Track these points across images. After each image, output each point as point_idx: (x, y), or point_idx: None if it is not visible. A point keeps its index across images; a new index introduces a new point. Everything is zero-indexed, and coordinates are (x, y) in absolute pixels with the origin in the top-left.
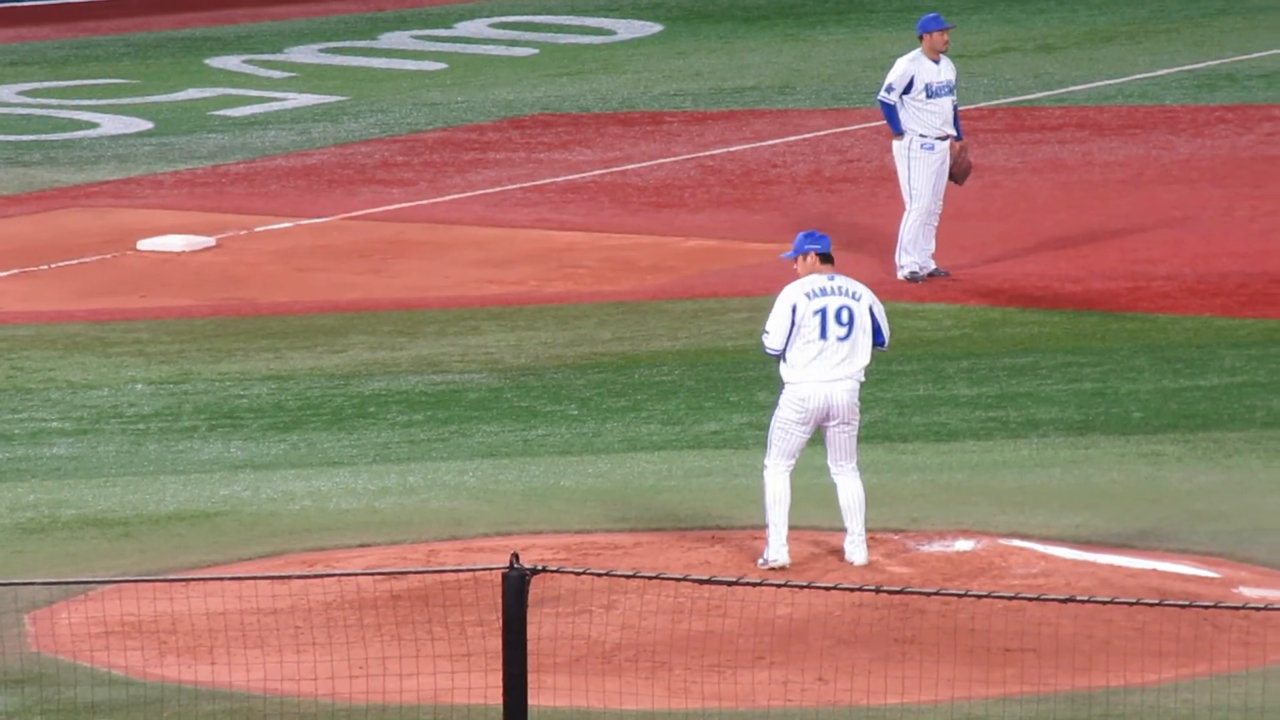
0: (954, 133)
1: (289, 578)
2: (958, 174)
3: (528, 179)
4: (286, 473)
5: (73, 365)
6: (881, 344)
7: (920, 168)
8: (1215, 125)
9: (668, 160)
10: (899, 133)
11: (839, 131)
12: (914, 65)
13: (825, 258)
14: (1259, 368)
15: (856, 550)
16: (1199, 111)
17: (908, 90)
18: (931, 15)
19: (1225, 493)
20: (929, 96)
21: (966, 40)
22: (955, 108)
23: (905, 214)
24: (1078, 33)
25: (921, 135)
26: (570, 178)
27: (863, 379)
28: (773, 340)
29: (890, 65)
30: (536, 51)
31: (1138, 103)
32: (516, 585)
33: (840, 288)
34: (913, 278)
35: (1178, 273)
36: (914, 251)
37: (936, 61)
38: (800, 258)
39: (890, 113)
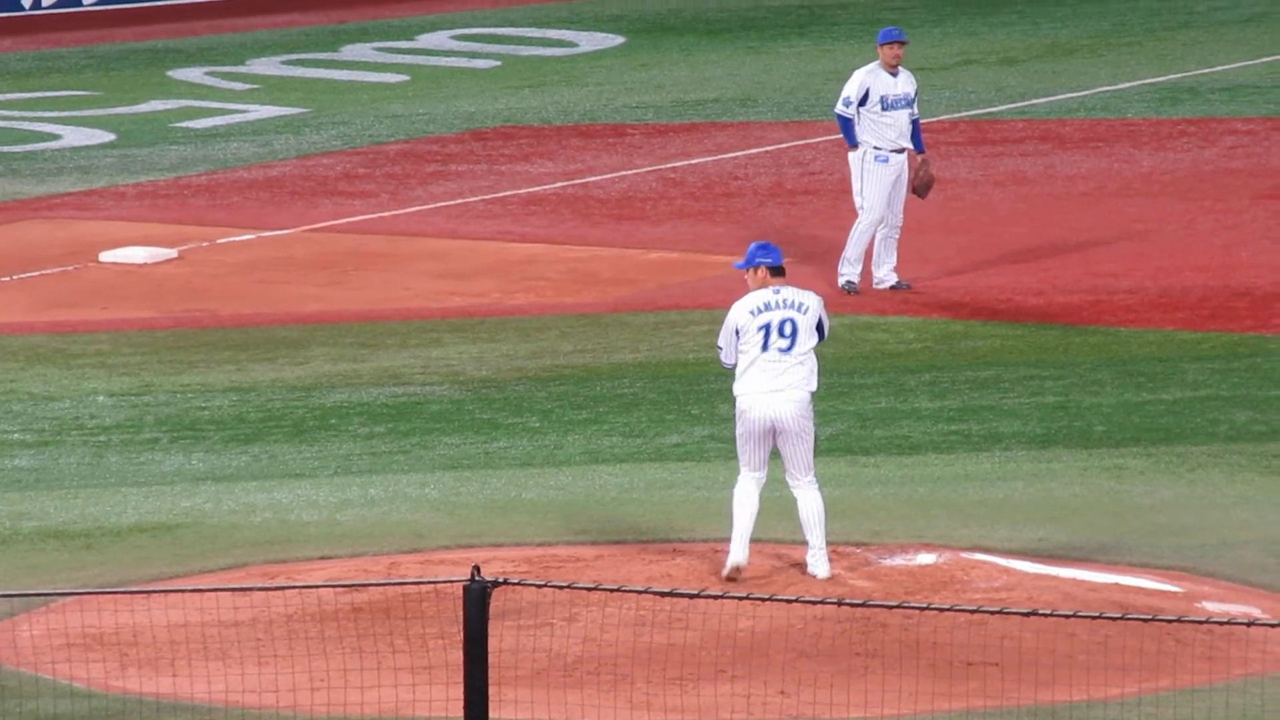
0: (910, 145)
1: (250, 590)
2: (919, 188)
3: (489, 191)
4: (248, 485)
5: (34, 377)
6: (821, 338)
7: (873, 179)
8: (1178, 139)
9: (629, 172)
10: (853, 145)
11: (801, 144)
12: (870, 77)
13: (775, 271)
14: (1222, 381)
15: (818, 564)
16: (1161, 125)
17: (864, 102)
18: (887, 29)
19: (1188, 506)
20: (884, 109)
21: (928, 53)
22: (916, 122)
23: (855, 223)
24: (1039, 45)
25: (876, 148)
26: (532, 190)
27: (811, 388)
28: (725, 355)
29: (848, 77)
30: (498, 64)
31: (1100, 116)
32: (478, 598)
33: (786, 300)
34: (849, 288)
35: (1140, 286)
36: (855, 263)
37: (894, 74)
38: (751, 270)
39: (846, 125)
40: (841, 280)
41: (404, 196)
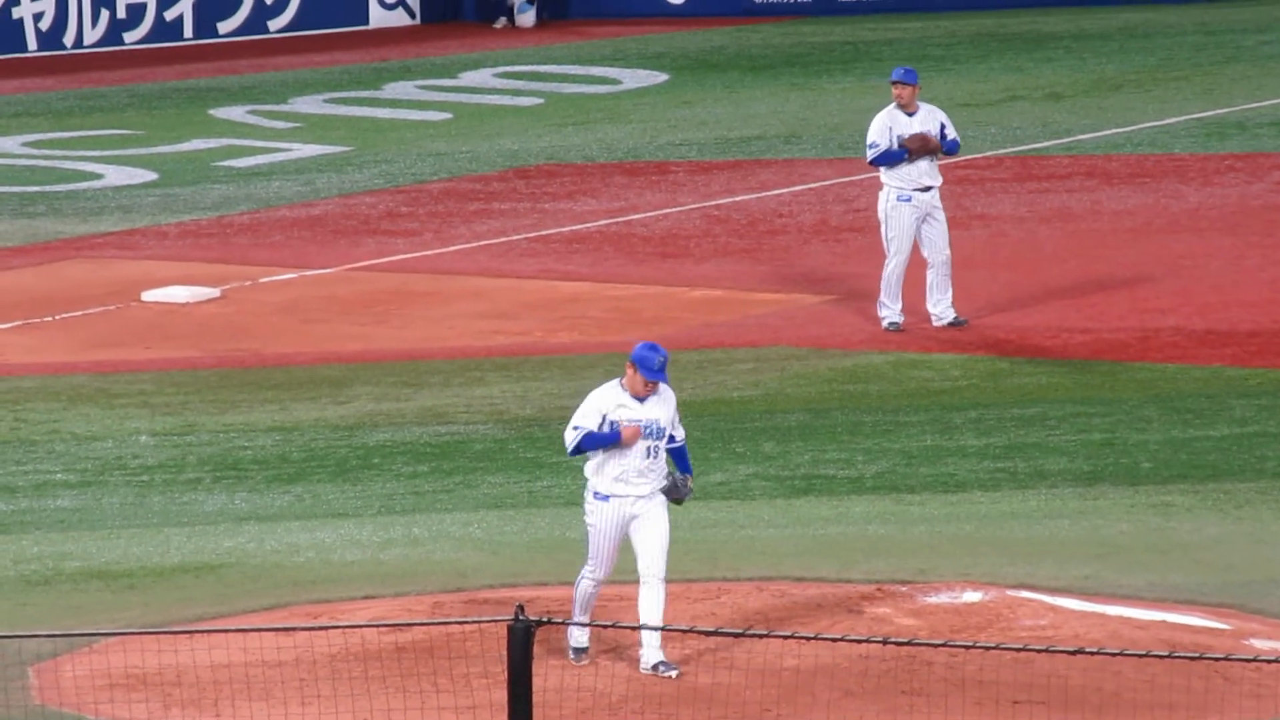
0: (935, 182)
1: (294, 630)
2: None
3: (533, 229)
4: (291, 524)
5: (77, 417)
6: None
7: (896, 220)
8: (1225, 174)
9: (673, 210)
10: (903, 157)
11: (845, 181)
12: (889, 119)
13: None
14: (1269, 418)
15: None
16: (1208, 160)
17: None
18: (896, 68)
19: (1235, 543)
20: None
21: (974, 89)
22: (952, 149)
23: (931, 270)
24: (1086, 81)
25: (898, 188)
26: (575, 228)
27: (585, 475)
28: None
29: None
30: (542, 101)
31: (1146, 151)
32: (522, 637)
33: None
34: (893, 327)
35: (1187, 322)
36: (892, 302)
37: (911, 113)
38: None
39: (886, 157)
40: (884, 322)
41: (447, 235)
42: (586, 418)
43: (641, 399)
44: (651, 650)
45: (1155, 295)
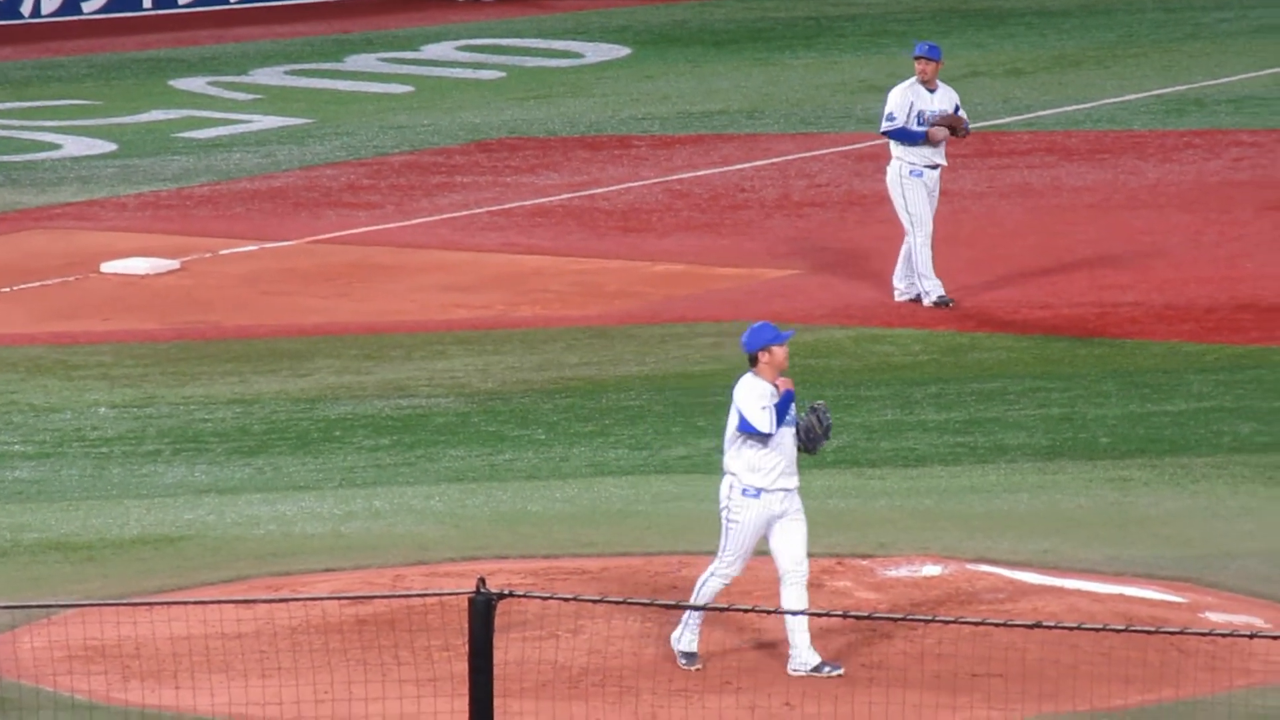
0: (943, 162)
1: (254, 602)
2: (952, 127)
3: (495, 202)
4: (251, 497)
5: (35, 388)
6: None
7: (914, 195)
8: (1183, 150)
9: (635, 184)
10: (922, 138)
11: (808, 156)
12: (911, 93)
13: (751, 359)
14: (1226, 393)
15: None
16: (1167, 136)
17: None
18: (920, 42)
19: (1192, 518)
20: (919, 124)
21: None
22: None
23: (908, 241)
24: (1046, 57)
25: (911, 163)
26: (537, 201)
27: (731, 471)
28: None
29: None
30: (503, 75)
31: (1106, 128)
32: (483, 610)
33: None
34: (941, 301)
35: (1146, 298)
36: (930, 276)
37: (932, 90)
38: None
39: (903, 134)
40: (930, 299)
41: (409, 208)
42: (763, 398)
43: (775, 383)
44: (805, 650)
45: (1114, 271)
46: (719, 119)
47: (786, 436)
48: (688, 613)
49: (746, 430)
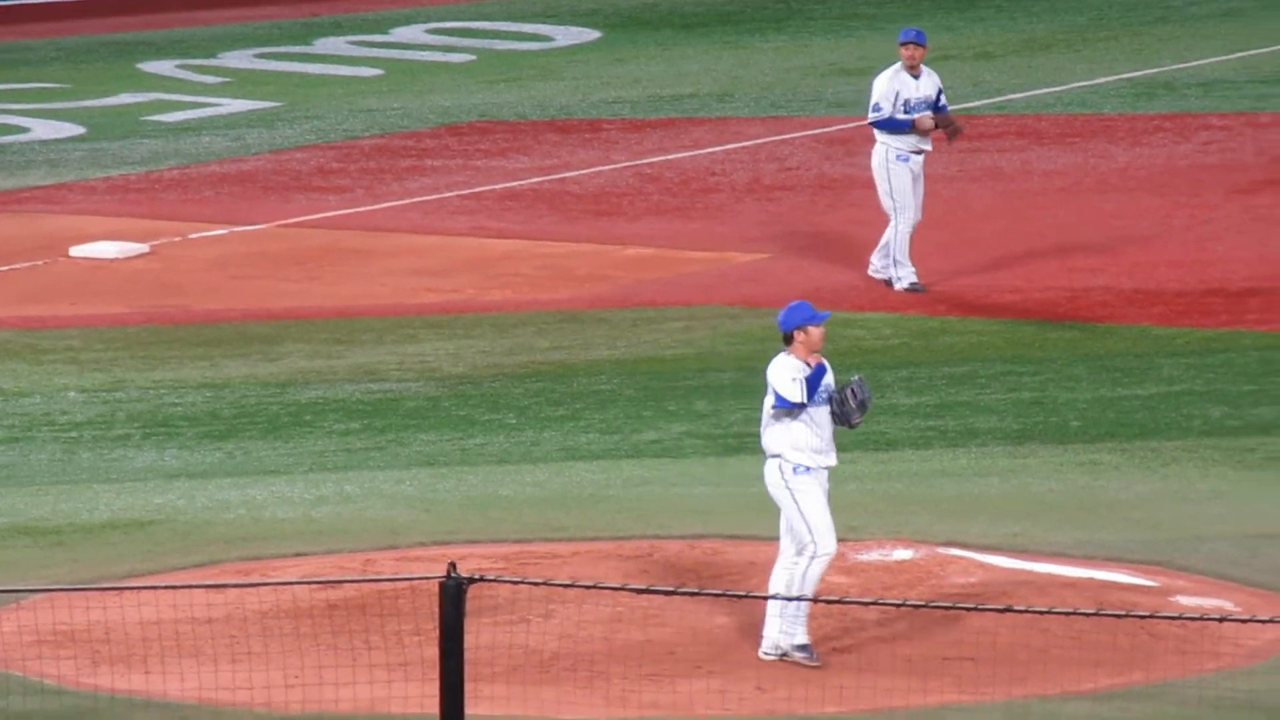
0: (928, 148)
1: (224, 586)
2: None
3: (465, 186)
4: (222, 481)
5: (4, 373)
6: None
7: (899, 181)
8: (1153, 134)
9: (606, 168)
10: (908, 127)
11: (778, 139)
12: (897, 81)
13: (786, 338)
14: (1196, 377)
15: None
16: (1137, 120)
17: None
18: (905, 28)
19: (1162, 501)
20: (905, 112)
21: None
22: (944, 110)
23: (890, 227)
24: (1016, 40)
25: (897, 148)
26: (508, 185)
27: (775, 453)
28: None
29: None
30: (474, 58)
31: (1076, 111)
32: (454, 594)
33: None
34: (914, 288)
35: (1116, 282)
36: (907, 263)
37: (915, 76)
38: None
39: (890, 123)
40: (901, 284)
41: (379, 192)
42: (794, 371)
43: (809, 362)
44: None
45: (1084, 254)
46: (689, 102)
47: (823, 414)
48: (780, 608)
49: (782, 405)
